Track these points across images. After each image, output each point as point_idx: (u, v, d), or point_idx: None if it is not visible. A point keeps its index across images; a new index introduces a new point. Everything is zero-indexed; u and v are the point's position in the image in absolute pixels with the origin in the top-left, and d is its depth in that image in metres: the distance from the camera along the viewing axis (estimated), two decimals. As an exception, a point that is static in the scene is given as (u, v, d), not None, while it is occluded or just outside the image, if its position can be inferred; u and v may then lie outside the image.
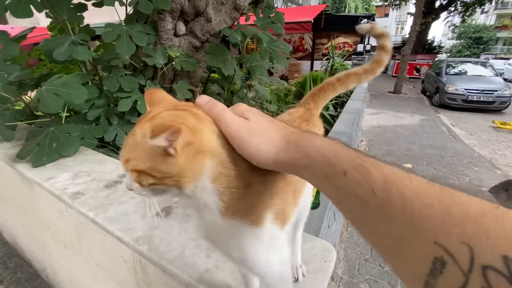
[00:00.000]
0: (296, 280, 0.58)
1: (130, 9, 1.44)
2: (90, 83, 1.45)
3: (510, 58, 17.20)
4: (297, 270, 0.59)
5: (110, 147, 1.41)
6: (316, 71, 5.14)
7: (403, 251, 0.21)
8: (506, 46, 28.65)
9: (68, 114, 1.49)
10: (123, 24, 1.33)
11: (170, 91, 1.52)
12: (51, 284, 1.66)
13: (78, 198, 0.87)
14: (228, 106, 0.37)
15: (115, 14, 1.41)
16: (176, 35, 1.47)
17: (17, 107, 1.56)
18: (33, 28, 1.51)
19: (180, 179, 0.32)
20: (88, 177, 1.01)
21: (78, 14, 1.30)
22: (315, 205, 0.99)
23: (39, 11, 1.11)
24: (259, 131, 0.33)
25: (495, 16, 29.41)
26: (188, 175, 0.32)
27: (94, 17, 1.29)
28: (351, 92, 4.21)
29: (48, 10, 1.20)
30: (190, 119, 0.33)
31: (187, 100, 1.62)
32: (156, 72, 1.47)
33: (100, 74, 1.49)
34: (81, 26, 1.44)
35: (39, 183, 1.00)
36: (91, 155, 1.22)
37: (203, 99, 0.37)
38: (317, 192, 0.95)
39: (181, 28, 1.46)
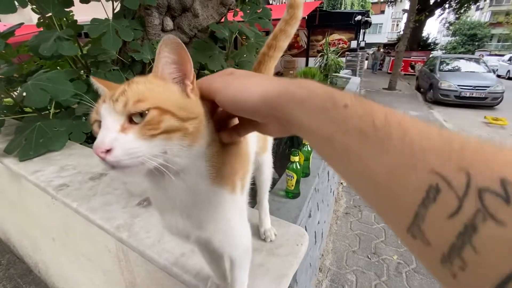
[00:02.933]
0: (264, 239, 0.63)
1: (117, 5, 1.45)
2: (78, 79, 1.46)
3: (504, 55, 17.30)
4: (265, 232, 0.64)
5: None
6: (310, 67, 5.15)
7: (395, 184, 0.20)
8: (500, 43, 28.83)
9: (58, 110, 1.50)
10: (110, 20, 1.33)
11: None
12: (43, 279, 1.68)
13: (62, 190, 0.89)
14: None
15: (107, 12, 1.42)
16: (163, 30, 1.49)
17: (6, 103, 1.56)
18: (21, 24, 1.51)
19: (200, 125, 0.32)
20: (74, 170, 1.03)
21: (65, 9, 1.30)
22: (294, 195, 1.02)
23: (24, 6, 1.11)
24: (242, 75, 0.33)
25: (490, 13, 29.53)
26: (203, 121, 0.33)
27: (86, 15, 1.30)
28: (343, 88, 4.23)
29: (34, 6, 1.20)
30: None
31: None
32: (145, 67, 1.49)
33: (89, 70, 1.50)
34: (69, 21, 1.44)
35: (25, 176, 1.01)
36: (79, 149, 1.23)
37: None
38: (297, 182, 0.98)
39: (169, 23, 1.47)
